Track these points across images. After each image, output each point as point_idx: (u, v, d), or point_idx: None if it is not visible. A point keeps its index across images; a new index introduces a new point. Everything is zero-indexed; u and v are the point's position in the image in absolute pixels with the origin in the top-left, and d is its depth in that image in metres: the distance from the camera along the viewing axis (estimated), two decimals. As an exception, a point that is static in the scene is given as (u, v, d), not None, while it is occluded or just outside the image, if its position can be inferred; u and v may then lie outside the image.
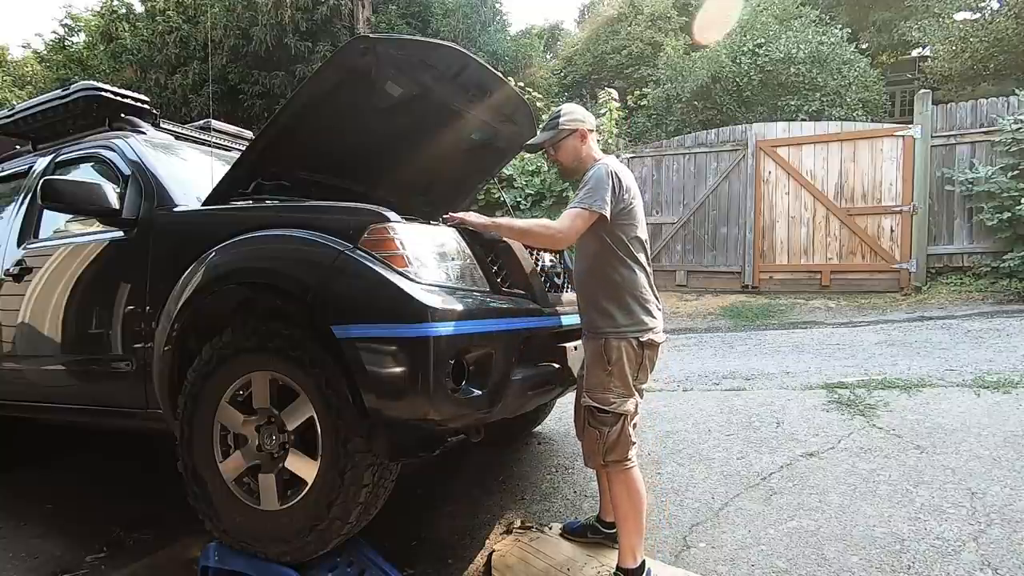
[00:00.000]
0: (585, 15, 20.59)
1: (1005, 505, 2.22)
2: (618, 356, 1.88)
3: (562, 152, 2.07)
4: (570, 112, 2.07)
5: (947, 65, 11.07)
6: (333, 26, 12.54)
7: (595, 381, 1.92)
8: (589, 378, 1.94)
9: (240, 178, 2.17)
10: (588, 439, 1.95)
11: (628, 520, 1.91)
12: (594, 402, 1.91)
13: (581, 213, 1.86)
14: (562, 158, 2.08)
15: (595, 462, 1.97)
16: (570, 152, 2.06)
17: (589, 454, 1.98)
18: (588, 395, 1.93)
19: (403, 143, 2.59)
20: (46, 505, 2.90)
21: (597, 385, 1.91)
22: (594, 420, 1.92)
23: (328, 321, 1.68)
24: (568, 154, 2.06)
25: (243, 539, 1.85)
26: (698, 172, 8.21)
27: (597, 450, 1.92)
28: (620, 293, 1.91)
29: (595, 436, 1.92)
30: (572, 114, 2.06)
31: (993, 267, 6.39)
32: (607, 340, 1.89)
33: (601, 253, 1.93)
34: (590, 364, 1.95)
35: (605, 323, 1.91)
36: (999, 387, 3.32)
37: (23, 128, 3.09)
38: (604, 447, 1.90)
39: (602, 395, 1.90)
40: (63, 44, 17.36)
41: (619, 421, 1.89)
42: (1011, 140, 6.29)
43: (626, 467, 1.91)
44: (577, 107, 2.11)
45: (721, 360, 4.72)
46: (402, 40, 2.14)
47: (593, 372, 1.93)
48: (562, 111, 2.07)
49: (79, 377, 2.46)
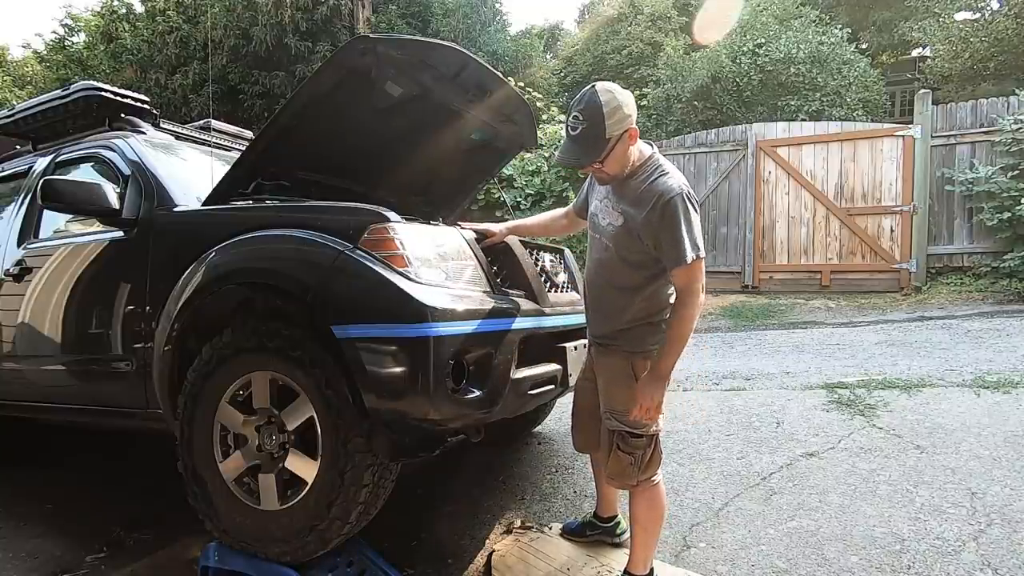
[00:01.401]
0: (585, 15, 20.60)
1: (1005, 505, 2.22)
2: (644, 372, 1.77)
3: (611, 163, 1.66)
4: (615, 108, 1.58)
5: (947, 65, 11.07)
6: (333, 26, 12.54)
7: (620, 402, 1.76)
8: (614, 399, 1.78)
9: (240, 178, 2.17)
10: (618, 463, 1.78)
11: (647, 531, 1.83)
12: (626, 426, 1.74)
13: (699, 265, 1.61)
14: (610, 170, 1.68)
15: (626, 484, 1.82)
16: (619, 160, 1.67)
17: (618, 476, 1.80)
18: (615, 418, 1.76)
19: (403, 143, 2.59)
20: (46, 505, 2.90)
21: (624, 406, 1.75)
22: (626, 445, 1.75)
23: (328, 321, 1.68)
24: (617, 164, 1.67)
25: (243, 539, 1.85)
26: (698, 172, 8.20)
27: (630, 474, 1.77)
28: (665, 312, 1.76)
29: (628, 461, 1.76)
30: (618, 110, 1.59)
31: (993, 267, 6.39)
32: (635, 359, 1.75)
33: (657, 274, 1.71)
34: (615, 384, 1.78)
35: (655, 339, 1.75)
36: (999, 387, 3.31)
37: (23, 128, 3.09)
38: (639, 469, 1.76)
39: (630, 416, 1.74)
40: (63, 44, 17.36)
41: (652, 441, 1.77)
42: (1011, 140, 6.29)
43: (654, 482, 1.82)
44: (617, 93, 1.60)
45: (721, 360, 4.72)
46: (402, 40, 2.13)
47: (621, 392, 1.76)
48: (604, 108, 1.56)
49: (79, 377, 2.46)
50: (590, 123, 1.58)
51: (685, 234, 1.58)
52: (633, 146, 1.66)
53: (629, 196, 1.69)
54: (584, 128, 1.60)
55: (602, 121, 1.57)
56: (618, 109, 1.58)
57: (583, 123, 1.59)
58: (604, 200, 1.79)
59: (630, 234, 1.69)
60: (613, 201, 1.74)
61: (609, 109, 1.57)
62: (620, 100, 1.59)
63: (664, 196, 1.60)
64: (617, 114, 1.58)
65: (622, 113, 1.59)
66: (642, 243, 1.66)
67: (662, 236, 1.61)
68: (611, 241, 1.75)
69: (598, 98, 1.58)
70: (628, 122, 1.61)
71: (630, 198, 1.69)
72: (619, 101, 1.59)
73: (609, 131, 1.58)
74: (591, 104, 1.58)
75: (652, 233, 1.63)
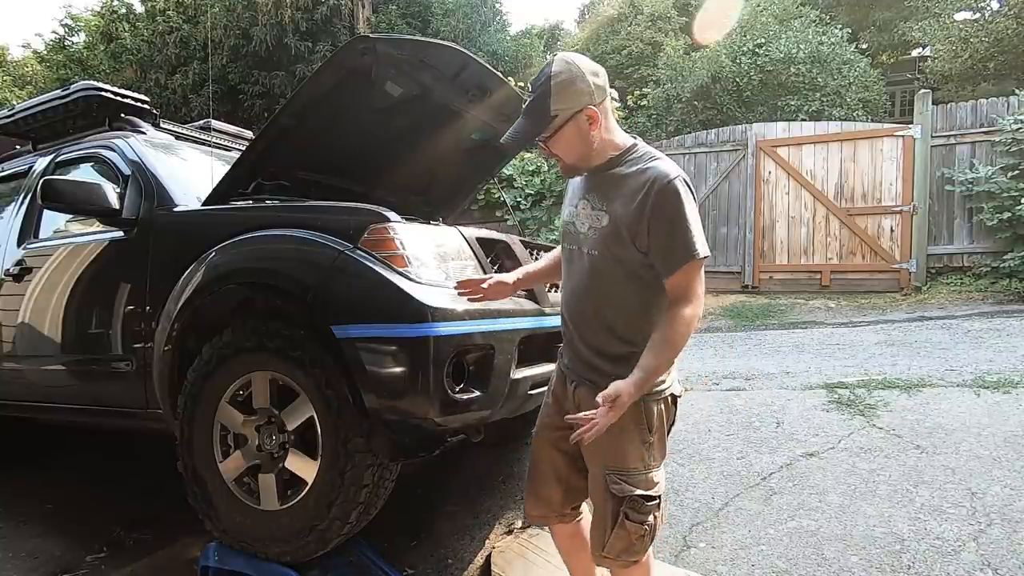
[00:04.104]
0: (585, 15, 20.58)
1: (1005, 505, 2.22)
2: (660, 422, 1.43)
3: (560, 146, 1.38)
4: (565, 81, 1.31)
5: (947, 65, 11.06)
6: (333, 26, 12.54)
7: (632, 459, 1.41)
8: (624, 456, 1.41)
9: (240, 178, 2.17)
10: (625, 537, 1.41)
11: None
12: (638, 489, 1.40)
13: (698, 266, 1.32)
14: (562, 155, 1.40)
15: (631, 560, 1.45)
16: (573, 145, 1.37)
17: (624, 552, 1.43)
18: (626, 481, 1.40)
19: (403, 143, 2.59)
20: (46, 505, 2.90)
21: (636, 464, 1.41)
22: (638, 513, 1.39)
23: (328, 321, 1.68)
24: (571, 149, 1.38)
25: (243, 539, 1.85)
26: (698, 172, 8.20)
27: (640, 548, 1.42)
28: None
29: (640, 532, 1.40)
30: (570, 85, 1.31)
31: (993, 267, 6.38)
32: (648, 402, 1.40)
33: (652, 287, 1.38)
34: (623, 436, 1.39)
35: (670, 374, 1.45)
36: (999, 387, 3.31)
37: (23, 128, 3.10)
38: (651, 539, 1.43)
39: (645, 476, 1.41)
40: (63, 44, 17.35)
41: (661, 505, 1.45)
42: (1011, 140, 6.29)
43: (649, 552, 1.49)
44: (576, 66, 1.33)
45: (721, 360, 4.72)
46: (402, 40, 2.14)
47: (626, 446, 1.40)
48: (552, 80, 1.31)
49: (79, 377, 2.46)
50: (536, 95, 1.34)
51: (691, 226, 1.29)
52: (595, 131, 1.35)
53: (613, 189, 1.38)
54: (530, 101, 1.36)
55: (547, 94, 1.31)
56: (570, 83, 1.31)
57: (531, 95, 1.36)
58: (581, 201, 1.45)
59: (620, 235, 1.36)
60: (594, 200, 1.41)
61: (558, 81, 1.31)
62: (576, 74, 1.31)
63: (660, 180, 1.30)
64: (568, 89, 1.31)
65: (575, 89, 1.31)
66: (634, 247, 1.35)
67: (656, 229, 1.30)
68: (597, 248, 1.40)
69: (550, 68, 1.33)
70: (583, 100, 1.32)
71: (615, 191, 1.37)
72: (575, 75, 1.31)
73: (554, 106, 1.31)
74: (543, 74, 1.34)
75: (643, 228, 1.31)
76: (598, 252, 1.40)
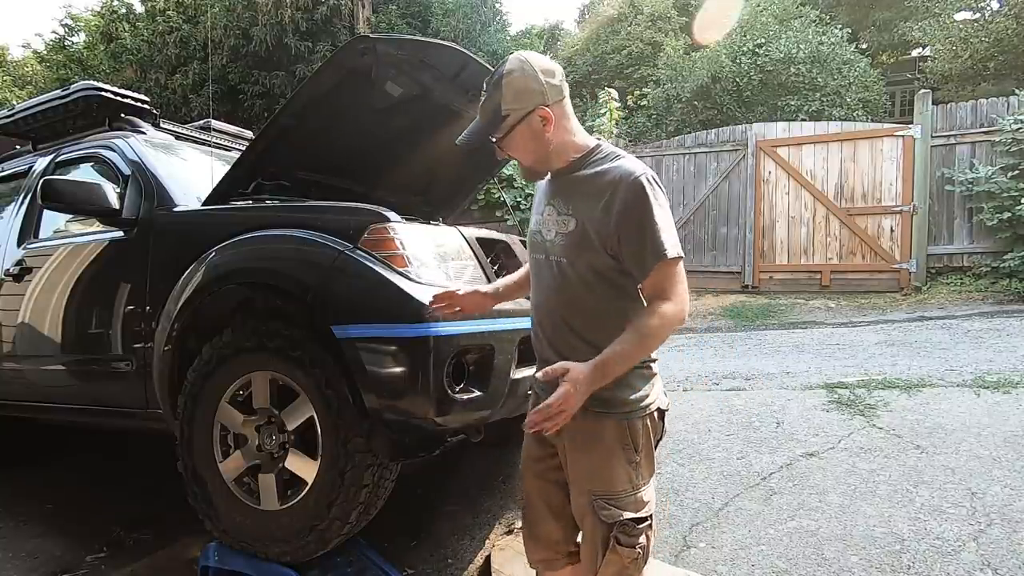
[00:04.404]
0: (585, 15, 20.56)
1: (1005, 505, 2.22)
2: (647, 440, 1.33)
3: (513, 148, 1.32)
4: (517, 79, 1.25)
5: (947, 65, 11.06)
6: (333, 26, 12.54)
7: (619, 481, 1.30)
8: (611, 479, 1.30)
9: (240, 178, 2.18)
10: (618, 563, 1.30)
11: None
12: (628, 512, 1.29)
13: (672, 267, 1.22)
14: (518, 156, 1.34)
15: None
16: (527, 147, 1.31)
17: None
18: (614, 505, 1.29)
19: (403, 143, 2.59)
20: (46, 505, 2.90)
21: (624, 486, 1.30)
22: (627, 537, 1.30)
23: (328, 321, 1.68)
24: (525, 151, 1.32)
25: (243, 539, 1.85)
26: (698, 172, 8.20)
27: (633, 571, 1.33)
28: None
29: (632, 556, 1.30)
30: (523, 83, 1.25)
31: (993, 267, 6.38)
32: (630, 420, 1.31)
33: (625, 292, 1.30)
34: (611, 458, 1.30)
35: (628, 393, 1.30)
36: (999, 387, 3.31)
37: (23, 128, 3.10)
38: (645, 562, 1.34)
39: (635, 497, 1.31)
40: (63, 44, 17.35)
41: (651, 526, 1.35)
42: (1011, 140, 6.29)
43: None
44: (529, 65, 1.26)
45: (721, 360, 4.72)
46: (402, 40, 2.14)
47: (613, 469, 1.30)
48: (504, 78, 1.26)
49: (79, 377, 2.46)
50: (489, 94, 1.28)
51: (659, 223, 1.21)
52: (549, 132, 1.28)
53: (577, 192, 1.30)
54: (484, 100, 1.30)
55: (499, 93, 1.26)
56: (523, 81, 1.25)
57: (484, 93, 1.30)
58: (547, 208, 1.36)
59: (588, 240, 1.27)
60: (559, 205, 1.33)
61: (510, 79, 1.25)
62: (530, 73, 1.25)
63: (625, 179, 1.23)
64: (519, 87, 1.25)
65: (528, 88, 1.25)
66: (604, 251, 1.26)
67: (626, 231, 1.23)
68: (566, 255, 1.30)
69: (504, 66, 1.27)
70: (537, 100, 1.25)
71: (579, 194, 1.29)
72: (528, 74, 1.25)
73: (506, 106, 1.25)
74: (496, 72, 1.29)
75: (612, 230, 1.24)
76: (567, 259, 1.31)
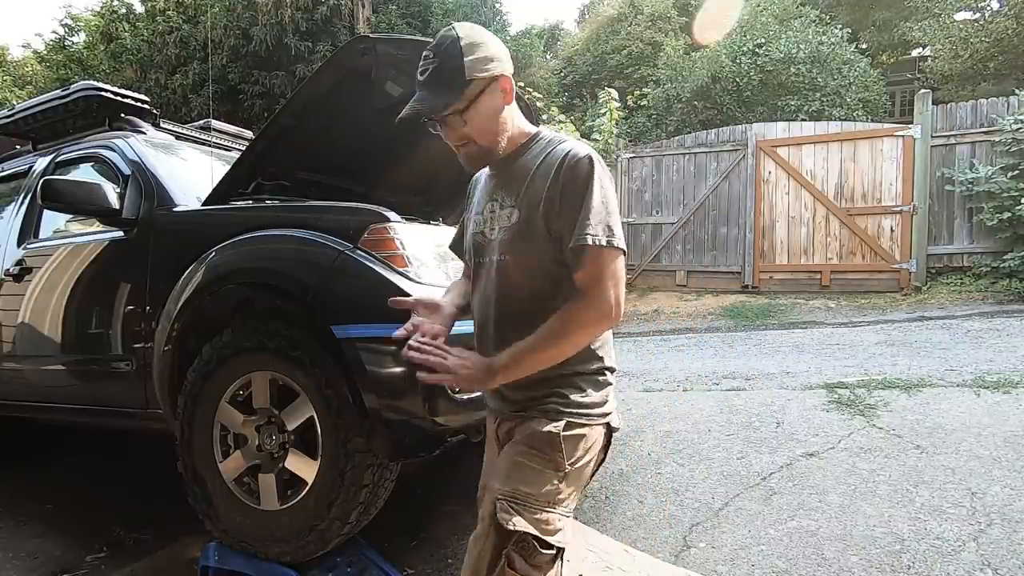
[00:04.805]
0: (585, 15, 20.57)
1: (1005, 505, 2.22)
2: (584, 451, 1.17)
3: (478, 120, 1.16)
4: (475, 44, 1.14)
5: (947, 65, 11.07)
6: (333, 26, 12.54)
7: (533, 484, 1.12)
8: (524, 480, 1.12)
9: (240, 178, 2.18)
10: None
11: None
12: (530, 526, 1.09)
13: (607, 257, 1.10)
14: (478, 134, 1.17)
15: None
16: (491, 121, 1.17)
17: None
18: (517, 511, 1.09)
19: (403, 143, 2.59)
20: (46, 505, 2.90)
21: (537, 496, 1.11)
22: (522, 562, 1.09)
23: (328, 321, 1.68)
24: (488, 126, 1.17)
25: (243, 539, 1.85)
26: (698, 172, 8.20)
27: None
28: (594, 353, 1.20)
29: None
30: (481, 48, 1.14)
31: (993, 267, 6.38)
32: (570, 425, 1.15)
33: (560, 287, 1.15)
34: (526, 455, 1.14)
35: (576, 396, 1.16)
36: (999, 387, 3.31)
37: (23, 128, 3.10)
38: None
39: (544, 513, 1.11)
40: (63, 44, 17.37)
41: (557, 561, 1.13)
42: (1011, 140, 6.29)
43: None
44: (480, 32, 1.17)
45: (721, 360, 4.72)
46: (402, 40, 2.13)
47: (530, 468, 1.13)
48: (461, 41, 1.13)
49: (79, 377, 2.46)
50: (442, 59, 1.13)
51: (593, 204, 1.09)
52: (509, 106, 1.18)
53: (521, 178, 1.18)
54: (434, 67, 1.14)
55: (459, 55, 1.12)
56: (481, 47, 1.14)
57: (432, 62, 1.14)
58: (488, 205, 1.25)
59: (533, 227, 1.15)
60: (503, 198, 1.20)
61: (467, 43, 1.13)
62: (484, 39, 1.15)
63: (570, 159, 1.12)
64: (479, 51, 1.13)
65: (487, 52, 1.14)
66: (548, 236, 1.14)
67: (566, 210, 1.11)
68: (509, 251, 1.18)
69: (453, 31, 1.14)
70: (498, 67, 1.15)
71: (523, 179, 1.17)
72: (483, 40, 1.15)
73: (470, 69, 1.12)
74: (444, 38, 1.15)
75: (554, 210, 1.12)
76: (510, 255, 1.18)
